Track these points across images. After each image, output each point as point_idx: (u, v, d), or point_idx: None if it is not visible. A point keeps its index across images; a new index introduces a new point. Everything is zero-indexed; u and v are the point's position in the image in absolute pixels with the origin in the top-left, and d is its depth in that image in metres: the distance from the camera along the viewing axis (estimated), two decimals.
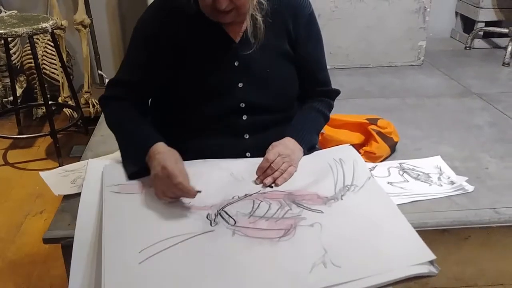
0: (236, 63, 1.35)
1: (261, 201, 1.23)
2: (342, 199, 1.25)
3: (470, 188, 1.59)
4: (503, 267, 1.56)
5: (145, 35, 1.36)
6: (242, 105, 1.36)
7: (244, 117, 1.38)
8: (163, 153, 1.24)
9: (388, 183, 1.60)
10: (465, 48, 3.35)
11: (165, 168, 1.19)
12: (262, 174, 1.31)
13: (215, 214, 1.18)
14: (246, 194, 1.26)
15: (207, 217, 1.18)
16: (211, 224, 1.15)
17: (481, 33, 3.36)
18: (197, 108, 1.37)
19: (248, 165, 1.36)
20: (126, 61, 1.41)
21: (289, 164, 1.33)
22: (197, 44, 1.34)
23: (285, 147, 1.35)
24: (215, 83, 1.35)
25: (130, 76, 1.38)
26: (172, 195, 1.19)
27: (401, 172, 1.67)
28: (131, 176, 1.31)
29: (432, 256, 1.06)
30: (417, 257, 1.06)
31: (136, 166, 1.30)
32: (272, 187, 1.30)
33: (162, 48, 1.34)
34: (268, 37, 1.33)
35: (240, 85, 1.36)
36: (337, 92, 1.53)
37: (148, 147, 1.26)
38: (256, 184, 1.31)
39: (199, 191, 1.18)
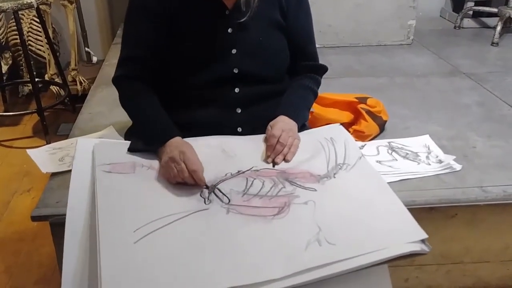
0: (229, 30, 1.36)
1: (254, 179, 1.23)
2: (334, 177, 1.25)
3: (457, 166, 1.60)
4: (489, 245, 1.58)
5: (144, 6, 1.35)
6: (236, 70, 1.37)
7: (237, 90, 1.38)
8: (180, 142, 1.27)
9: (377, 161, 1.61)
10: (455, 27, 3.35)
11: (184, 153, 1.21)
12: (273, 152, 1.31)
13: (208, 192, 1.18)
14: (239, 171, 1.26)
15: (200, 195, 1.18)
16: (205, 202, 1.15)
17: (471, 12, 3.35)
18: (190, 76, 1.37)
19: (239, 141, 1.36)
20: (130, 36, 1.40)
21: (294, 137, 1.35)
22: (190, 11, 1.34)
23: (284, 123, 1.36)
24: (208, 49, 1.36)
25: (139, 51, 1.37)
26: (180, 180, 1.20)
27: (389, 151, 1.68)
28: (132, 150, 1.33)
29: (424, 235, 1.06)
30: (409, 235, 1.07)
31: (147, 149, 1.31)
32: (276, 163, 1.30)
33: (160, 17, 1.34)
34: (260, 7, 1.34)
35: (234, 51, 1.37)
36: (324, 69, 1.54)
37: (166, 139, 1.27)
38: (250, 160, 1.30)
39: (207, 186, 1.19)
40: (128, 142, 1.37)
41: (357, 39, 2.96)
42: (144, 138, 1.33)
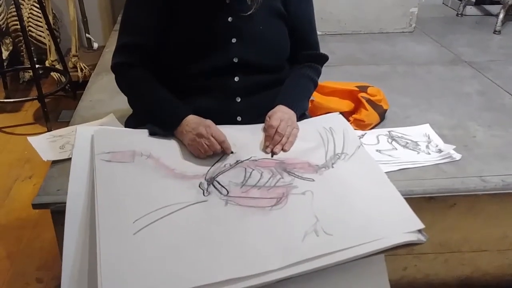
0: (230, 19, 1.36)
1: (253, 170, 1.24)
2: (333, 167, 1.26)
3: (457, 156, 1.60)
4: (487, 234, 1.59)
5: None
6: (235, 59, 1.37)
7: (236, 79, 1.38)
8: (198, 118, 1.30)
9: (377, 150, 1.61)
10: (457, 15, 3.33)
11: (209, 127, 1.26)
12: (271, 142, 1.32)
13: (207, 184, 1.19)
14: (237, 161, 1.27)
15: (199, 186, 1.18)
16: (204, 194, 1.16)
17: (473, 0, 3.33)
18: (190, 64, 1.37)
19: (238, 131, 1.36)
20: (130, 23, 1.40)
21: (292, 127, 1.35)
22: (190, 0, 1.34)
23: (283, 112, 1.37)
24: (209, 38, 1.36)
25: (138, 38, 1.37)
26: (211, 153, 1.25)
27: (389, 140, 1.68)
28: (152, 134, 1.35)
29: (420, 225, 1.07)
30: (406, 225, 1.07)
31: (163, 132, 1.34)
32: (274, 153, 1.31)
33: (160, 4, 1.34)
34: None
35: (234, 40, 1.36)
36: (325, 58, 1.54)
37: (181, 119, 1.30)
38: (248, 150, 1.31)
39: (233, 152, 1.26)
40: (127, 129, 1.37)
41: (359, 26, 2.94)
42: (157, 123, 1.34)
